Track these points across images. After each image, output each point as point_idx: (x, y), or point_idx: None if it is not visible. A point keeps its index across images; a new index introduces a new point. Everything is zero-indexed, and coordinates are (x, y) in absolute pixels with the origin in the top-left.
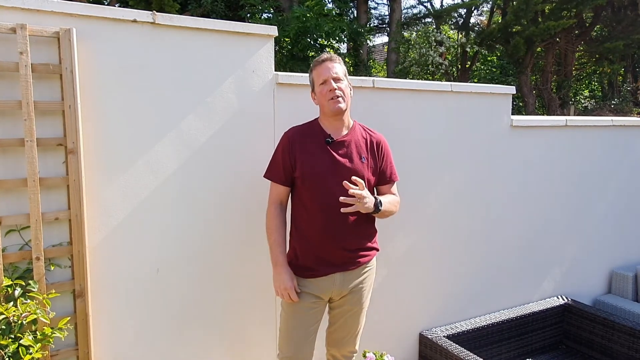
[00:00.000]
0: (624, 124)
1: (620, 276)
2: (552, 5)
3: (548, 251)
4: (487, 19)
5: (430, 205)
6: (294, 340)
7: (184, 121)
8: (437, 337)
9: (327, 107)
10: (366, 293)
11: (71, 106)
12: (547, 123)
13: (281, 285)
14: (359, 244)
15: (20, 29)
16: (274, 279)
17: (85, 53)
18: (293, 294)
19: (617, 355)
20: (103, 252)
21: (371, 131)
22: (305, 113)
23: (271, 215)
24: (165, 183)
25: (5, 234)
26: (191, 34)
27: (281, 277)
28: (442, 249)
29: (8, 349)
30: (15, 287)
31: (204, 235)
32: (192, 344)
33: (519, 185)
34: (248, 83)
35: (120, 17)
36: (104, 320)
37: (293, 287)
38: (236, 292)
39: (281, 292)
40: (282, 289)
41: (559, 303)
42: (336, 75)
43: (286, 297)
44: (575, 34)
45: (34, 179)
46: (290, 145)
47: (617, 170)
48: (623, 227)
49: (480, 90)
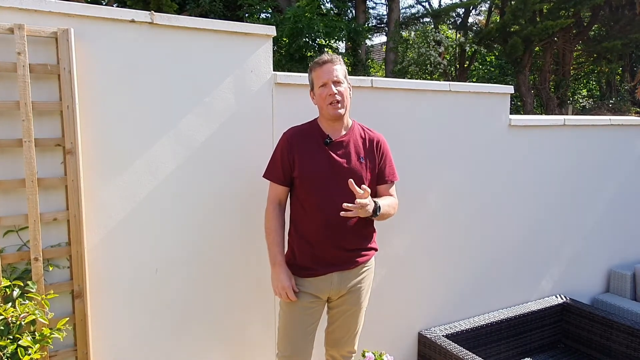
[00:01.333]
0: (622, 123)
1: (619, 275)
2: (550, 5)
3: (546, 250)
4: (485, 18)
5: (428, 204)
6: (292, 340)
7: (182, 121)
8: (436, 336)
9: (326, 111)
10: (365, 293)
11: (69, 106)
12: (546, 122)
13: (279, 285)
14: (358, 244)
15: (18, 29)
16: (272, 278)
17: (83, 53)
18: (291, 293)
19: (616, 353)
20: (102, 252)
21: (370, 131)
22: (304, 113)
23: (270, 215)
24: (163, 183)
25: (4, 235)
26: (189, 34)
27: (279, 276)
28: (440, 249)
29: (7, 349)
30: (14, 287)
31: (202, 235)
32: (191, 344)
33: (517, 185)
34: (246, 83)
35: (118, 17)
36: (103, 321)
37: (291, 286)
38: (235, 292)
39: (279, 292)
40: (280, 289)
41: (557, 302)
42: (336, 79)
43: (284, 297)
44: (573, 33)
45: (32, 180)
46: (289, 145)
47: (615, 169)
48: (621, 226)
49: (479, 90)
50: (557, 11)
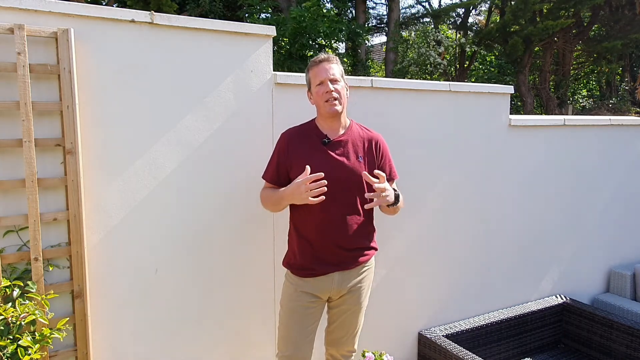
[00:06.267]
0: (621, 123)
1: (619, 275)
2: (550, 5)
3: (546, 250)
4: (485, 18)
5: (428, 204)
6: (292, 340)
7: (182, 121)
8: (436, 336)
9: (323, 109)
10: (365, 292)
11: (69, 106)
12: (545, 122)
13: (296, 189)
14: (358, 243)
15: (18, 30)
16: (292, 196)
17: (83, 53)
18: (310, 177)
19: (616, 353)
20: (102, 252)
21: (368, 130)
22: (303, 113)
23: (262, 192)
24: (163, 183)
25: (4, 235)
26: (189, 34)
27: (291, 188)
28: (440, 249)
29: (7, 350)
30: (14, 288)
31: (202, 235)
32: (191, 344)
33: (517, 185)
34: (246, 83)
35: (118, 17)
36: (103, 321)
37: (304, 178)
38: (235, 292)
39: (304, 190)
40: (302, 189)
41: (557, 302)
42: (333, 77)
43: (310, 189)
44: (573, 33)
45: (32, 180)
46: (287, 146)
47: (615, 169)
48: (621, 226)
49: (479, 90)
50: (557, 11)
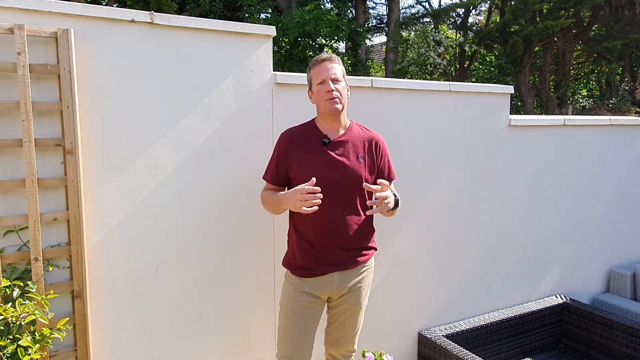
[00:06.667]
0: (622, 123)
1: (619, 275)
2: (550, 5)
3: (546, 250)
4: (485, 18)
5: (428, 204)
6: (292, 340)
7: (182, 121)
8: (436, 336)
9: (324, 108)
10: (364, 292)
11: (69, 106)
12: (546, 122)
13: (292, 197)
14: (357, 243)
15: (18, 30)
16: (288, 201)
17: (83, 53)
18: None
19: (616, 353)
20: (102, 252)
21: (368, 130)
22: (303, 113)
23: (262, 193)
24: (163, 183)
25: (4, 235)
26: (189, 34)
27: (288, 194)
28: (440, 249)
29: (7, 350)
30: (14, 288)
31: (202, 235)
32: (191, 344)
33: (517, 185)
34: (246, 83)
35: (118, 17)
36: (103, 321)
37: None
38: (235, 292)
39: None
40: (297, 197)
41: (557, 302)
42: (334, 76)
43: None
44: (573, 33)
45: (32, 180)
46: (286, 146)
47: (615, 169)
48: (621, 226)
49: (479, 90)
50: (557, 11)
